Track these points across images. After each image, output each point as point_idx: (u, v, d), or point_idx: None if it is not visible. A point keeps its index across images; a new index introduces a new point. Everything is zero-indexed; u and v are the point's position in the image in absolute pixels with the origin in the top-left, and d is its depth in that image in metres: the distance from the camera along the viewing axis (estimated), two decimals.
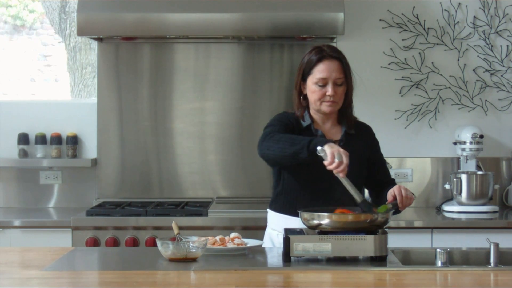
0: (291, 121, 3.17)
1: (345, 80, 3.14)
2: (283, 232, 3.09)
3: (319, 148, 2.87)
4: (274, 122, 3.18)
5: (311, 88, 3.14)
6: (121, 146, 4.65)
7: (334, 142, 3.09)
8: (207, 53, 4.65)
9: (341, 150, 2.86)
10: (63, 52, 5.35)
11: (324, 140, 2.93)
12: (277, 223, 3.20)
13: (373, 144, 3.29)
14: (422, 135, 4.70)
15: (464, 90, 4.69)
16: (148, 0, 4.31)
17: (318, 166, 2.94)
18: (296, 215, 3.04)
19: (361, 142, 3.22)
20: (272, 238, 3.23)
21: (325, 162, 2.85)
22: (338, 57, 3.14)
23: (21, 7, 5.60)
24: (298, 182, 3.14)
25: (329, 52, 3.13)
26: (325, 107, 3.13)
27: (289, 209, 3.15)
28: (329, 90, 3.10)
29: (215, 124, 4.65)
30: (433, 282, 2.61)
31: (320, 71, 3.11)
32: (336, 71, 3.11)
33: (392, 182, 3.25)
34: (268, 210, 3.29)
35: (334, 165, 2.83)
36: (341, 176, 2.86)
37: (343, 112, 3.21)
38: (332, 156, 2.84)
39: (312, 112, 3.21)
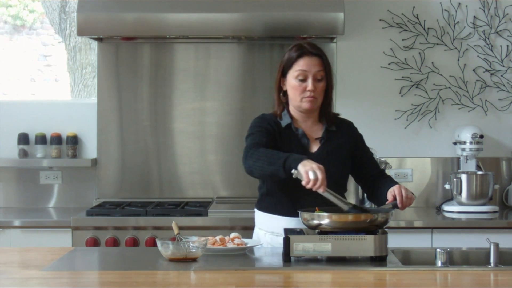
0: (270, 123, 3.19)
1: (325, 76, 3.16)
2: (269, 231, 3.15)
3: (293, 171, 2.86)
4: (253, 129, 3.19)
5: (291, 83, 3.15)
6: (121, 146, 4.66)
7: (316, 139, 3.17)
8: (207, 53, 4.65)
9: (314, 165, 2.84)
10: (63, 52, 5.35)
11: (297, 158, 2.90)
12: (264, 223, 3.22)
13: (357, 139, 3.29)
14: (422, 135, 4.70)
15: (464, 90, 4.69)
16: (148, 0, 4.31)
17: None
18: (281, 214, 3.11)
19: (343, 138, 3.23)
20: (259, 237, 3.24)
21: (303, 183, 2.85)
22: (318, 53, 3.16)
23: (21, 7, 5.60)
24: (279, 184, 3.14)
25: (309, 49, 3.15)
26: (305, 104, 3.14)
27: (274, 209, 3.17)
28: (309, 84, 3.12)
29: (215, 124, 4.66)
30: (433, 282, 2.61)
31: (300, 65, 3.13)
32: (316, 66, 3.13)
33: (382, 173, 3.27)
34: (255, 209, 3.30)
35: (311, 183, 2.83)
36: (321, 191, 2.85)
37: (324, 110, 3.22)
38: (307, 175, 2.83)
39: (292, 110, 3.22)
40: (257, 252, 3.02)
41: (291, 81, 3.15)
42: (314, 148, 3.19)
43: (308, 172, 2.83)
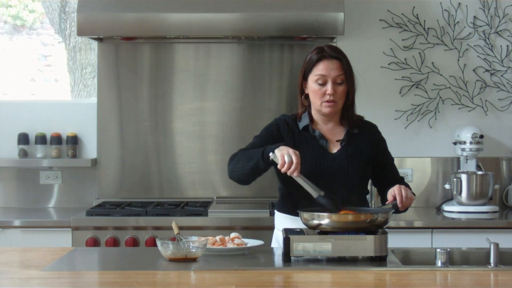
0: (281, 127, 3.20)
1: (345, 79, 3.14)
2: None
3: (270, 154, 2.94)
4: (260, 133, 3.25)
5: (312, 87, 3.16)
6: (121, 146, 4.66)
7: (337, 141, 3.16)
8: (207, 53, 4.65)
9: (291, 150, 2.91)
10: (63, 52, 5.35)
11: (274, 146, 2.98)
12: (283, 224, 3.20)
13: (379, 143, 3.28)
14: (422, 135, 4.70)
15: (464, 90, 4.69)
16: (148, 0, 4.31)
17: (319, 171, 3.06)
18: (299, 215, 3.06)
19: (364, 141, 3.22)
20: (278, 238, 3.24)
21: (278, 166, 2.92)
22: (338, 56, 3.15)
23: (21, 7, 5.60)
24: (299, 185, 3.14)
25: (329, 52, 3.15)
26: (324, 108, 3.14)
27: (293, 210, 3.15)
28: (329, 88, 3.11)
29: (215, 124, 4.66)
30: (433, 282, 2.61)
31: (319, 69, 3.13)
32: (335, 70, 3.13)
33: (400, 181, 3.24)
34: (275, 211, 3.30)
35: (286, 166, 2.89)
36: (295, 175, 2.90)
37: (345, 112, 3.22)
38: (282, 158, 2.90)
39: (313, 112, 3.22)
40: (257, 252, 3.02)
41: (311, 85, 3.15)
42: (334, 150, 3.18)
43: (284, 156, 2.89)
